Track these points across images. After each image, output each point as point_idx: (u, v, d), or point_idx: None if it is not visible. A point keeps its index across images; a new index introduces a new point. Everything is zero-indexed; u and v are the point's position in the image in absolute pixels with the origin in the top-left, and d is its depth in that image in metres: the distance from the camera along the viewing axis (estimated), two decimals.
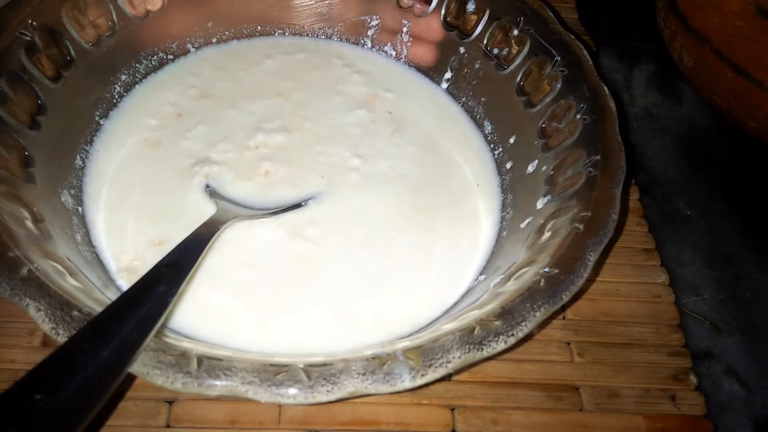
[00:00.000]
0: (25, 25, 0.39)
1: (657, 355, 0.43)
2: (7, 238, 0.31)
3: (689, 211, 0.53)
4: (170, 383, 0.28)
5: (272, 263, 0.41)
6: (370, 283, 0.41)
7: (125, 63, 0.48)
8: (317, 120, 0.50)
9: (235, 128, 0.48)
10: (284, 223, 0.43)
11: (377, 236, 0.43)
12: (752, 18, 0.46)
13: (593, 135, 0.40)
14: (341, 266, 0.42)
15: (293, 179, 0.46)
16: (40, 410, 0.24)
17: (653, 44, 0.61)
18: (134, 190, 0.44)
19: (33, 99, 0.39)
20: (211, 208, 0.42)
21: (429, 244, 0.44)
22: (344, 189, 0.46)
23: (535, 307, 0.32)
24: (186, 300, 0.38)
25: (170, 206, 0.43)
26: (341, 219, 0.44)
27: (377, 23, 0.54)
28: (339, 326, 0.39)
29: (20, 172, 0.37)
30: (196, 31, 0.52)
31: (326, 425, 0.38)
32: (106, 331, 0.28)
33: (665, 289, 0.47)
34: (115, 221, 0.42)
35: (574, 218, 0.36)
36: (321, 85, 0.52)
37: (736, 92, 0.50)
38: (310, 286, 0.40)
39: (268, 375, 0.28)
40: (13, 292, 0.29)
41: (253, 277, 0.40)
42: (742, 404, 0.43)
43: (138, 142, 0.46)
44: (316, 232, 0.43)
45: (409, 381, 0.29)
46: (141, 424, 0.37)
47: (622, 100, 0.60)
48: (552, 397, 0.41)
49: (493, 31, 0.48)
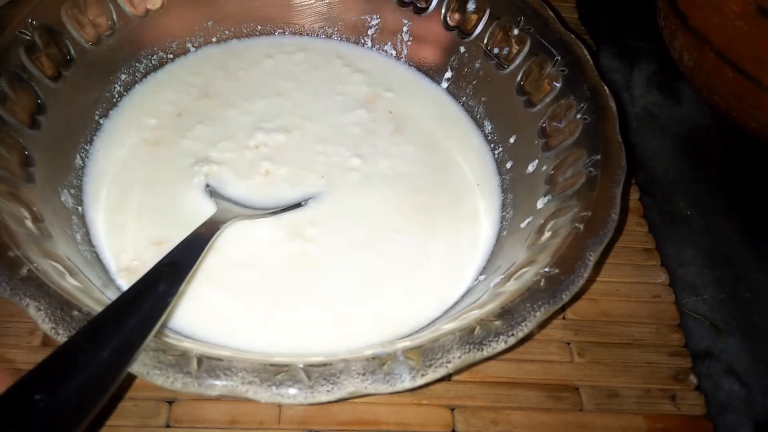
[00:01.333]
0: (25, 25, 0.39)
1: (657, 355, 0.43)
2: (7, 237, 0.31)
3: (689, 211, 0.53)
4: (170, 383, 0.28)
5: (272, 263, 0.41)
6: (370, 283, 0.41)
7: (125, 62, 0.48)
8: (317, 119, 0.50)
9: (235, 128, 0.48)
10: (284, 223, 0.43)
11: (377, 236, 0.43)
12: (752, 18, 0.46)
13: (593, 135, 0.40)
14: (341, 266, 0.42)
15: (293, 179, 0.46)
16: (40, 410, 0.24)
17: (653, 44, 0.61)
18: (134, 189, 0.43)
19: (33, 98, 0.39)
20: (210, 208, 0.42)
21: (429, 244, 0.44)
22: (344, 189, 0.46)
23: (535, 307, 0.32)
24: (186, 300, 0.38)
25: (170, 206, 0.43)
26: (341, 219, 0.44)
27: (377, 23, 0.54)
28: (339, 326, 0.39)
29: (20, 172, 0.37)
30: (196, 30, 0.52)
31: (326, 425, 0.38)
32: (106, 330, 0.28)
33: (665, 289, 0.47)
34: (114, 221, 0.42)
35: (575, 218, 0.36)
36: (321, 84, 0.52)
37: (736, 92, 0.50)
38: (310, 286, 0.40)
39: (268, 375, 0.28)
40: (13, 291, 0.29)
41: (253, 277, 0.40)
42: (742, 404, 0.43)
43: (138, 142, 0.46)
44: (316, 232, 0.43)
45: (409, 381, 0.29)
46: (141, 424, 0.37)
47: (622, 99, 0.60)
48: (552, 397, 0.41)
49: (494, 30, 0.48)
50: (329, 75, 0.53)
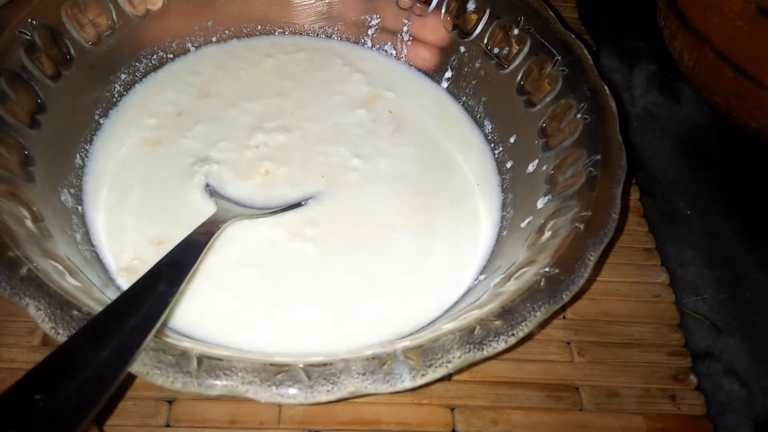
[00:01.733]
0: (25, 24, 0.39)
1: (657, 355, 0.43)
2: (7, 237, 0.31)
3: (689, 211, 0.53)
4: (170, 383, 0.28)
5: (272, 263, 0.41)
6: (370, 283, 0.41)
7: (125, 62, 0.48)
8: (317, 119, 0.50)
9: (235, 127, 0.48)
10: (284, 223, 0.43)
11: (377, 236, 0.43)
12: (752, 18, 0.46)
13: (594, 134, 0.40)
14: (341, 266, 0.41)
15: (293, 179, 0.46)
16: (40, 410, 0.24)
17: (653, 44, 0.61)
18: (134, 189, 0.43)
19: (33, 98, 0.39)
20: (211, 208, 0.42)
21: (429, 244, 0.44)
22: (344, 189, 0.46)
23: (535, 306, 0.32)
24: (186, 300, 0.38)
25: (170, 205, 0.43)
26: (341, 219, 0.44)
27: (377, 22, 0.54)
28: (339, 326, 0.39)
29: (20, 171, 0.37)
30: (196, 30, 0.52)
31: (326, 425, 0.38)
32: (105, 330, 0.28)
33: (665, 289, 0.47)
34: (115, 220, 0.42)
35: (575, 218, 0.36)
36: (321, 84, 0.52)
37: (736, 92, 0.50)
38: (310, 286, 0.40)
39: (268, 375, 0.28)
40: (13, 291, 0.29)
41: (253, 276, 0.40)
42: (742, 404, 0.43)
43: (138, 141, 0.46)
44: (316, 232, 0.43)
45: (409, 381, 0.29)
46: (141, 423, 0.37)
47: (622, 99, 0.60)
48: (552, 396, 0.41)
49: (494, 30, 0.48)
50: (329, 75, 0.53)
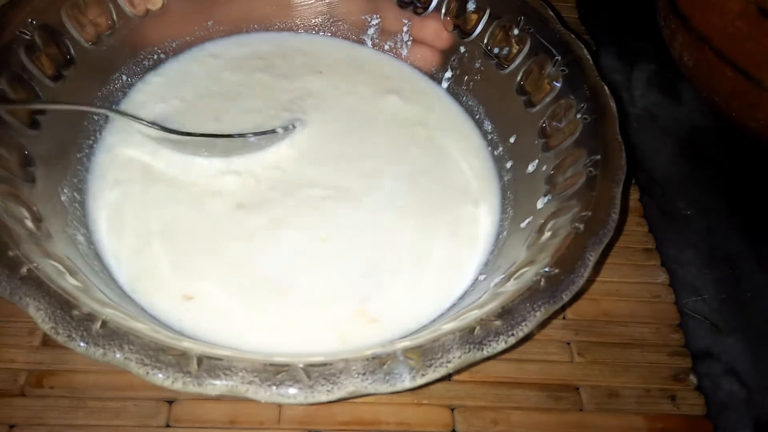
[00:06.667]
0: (25, 24, 0.39)
1: (657, 355, 0.43)
2: (7, 237, 0.31)
3: (689, 211, 0.53)
4: (170, 383, 0.28)
5: (272, 263, 0.41)
6: (370, 283, 0.41)
7: (125, 62, 0.48)
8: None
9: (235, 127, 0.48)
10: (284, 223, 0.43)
11: (377, 236, 0.43)
12: (752, 18, 0.46)
13: (594, 135, 0.40)
14: (341, 266, 0.41)
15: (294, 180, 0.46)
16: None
17: (653, 44, 0.61)
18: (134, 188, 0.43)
19: (33, 98, 0.39)
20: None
21: (429, 244, 0.44)
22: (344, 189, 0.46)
23: (535, 307, 0.32)
24: (186, 299, 0.38)
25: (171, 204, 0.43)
26: (341, 219, 0.44)
27: (377, 22, 0.54)
28: (339, 326, 0.39)
29: (20, 172, 0.37)
30: (196, 30, 0.52)
31: (326, 425, 0.38)
32: None
33: (665, 289, 0.47)
34: (115, 220, 0.42)
35: (575, 218, 0.36)
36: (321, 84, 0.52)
37: (736, 92, 0.50)
38: (311, 285, 0.40)
39: (268, 375, 0.28)
40: (13, 291, 0.29)
41: (253, 276, 0.40)
42: (742, 404, 0.43)
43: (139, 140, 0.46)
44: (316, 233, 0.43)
45: (409, 381, 0.29)
46: (141, 424, 0.37)
47: (622, 99, 0.60)
48: (552, 397, 0.41)
49: (494, 30, 0.48)
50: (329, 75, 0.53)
